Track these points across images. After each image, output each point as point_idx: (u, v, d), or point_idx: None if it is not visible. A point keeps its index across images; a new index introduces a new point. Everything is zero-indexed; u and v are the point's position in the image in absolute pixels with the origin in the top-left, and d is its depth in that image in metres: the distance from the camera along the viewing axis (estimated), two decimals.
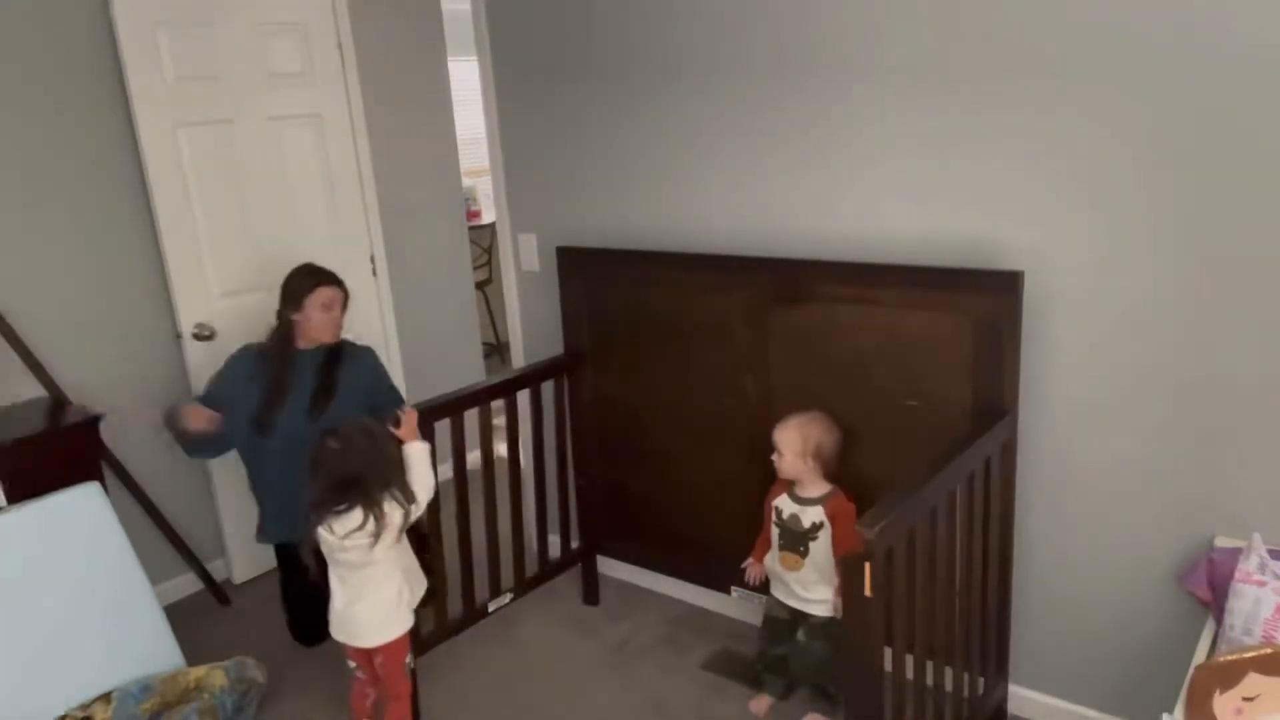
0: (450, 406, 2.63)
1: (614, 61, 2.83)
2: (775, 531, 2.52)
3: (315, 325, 2.88)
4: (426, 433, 2.48)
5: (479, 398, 2.73)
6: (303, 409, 2.82)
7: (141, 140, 3.09)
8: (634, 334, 2.85)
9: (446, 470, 3.06)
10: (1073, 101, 2.07)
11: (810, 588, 2.47)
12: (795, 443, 2.42)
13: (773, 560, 2.55)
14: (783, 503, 2.50)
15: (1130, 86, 2.00)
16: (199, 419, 2.73)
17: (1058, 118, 2.10)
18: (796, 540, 2.46)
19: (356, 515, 2.21)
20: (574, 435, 3.09)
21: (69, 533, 2.39)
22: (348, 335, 3.03)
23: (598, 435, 3.05)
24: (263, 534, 2.99)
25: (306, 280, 2.89)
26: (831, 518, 2.41)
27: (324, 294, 2.88)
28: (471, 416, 2.72)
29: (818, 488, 2.46)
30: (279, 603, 3.14)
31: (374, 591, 2.32)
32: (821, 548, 2.43)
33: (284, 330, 2.90)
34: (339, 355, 2.94)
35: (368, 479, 2.23)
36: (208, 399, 2.86)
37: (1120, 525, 2.24)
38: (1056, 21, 2.05)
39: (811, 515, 2.43)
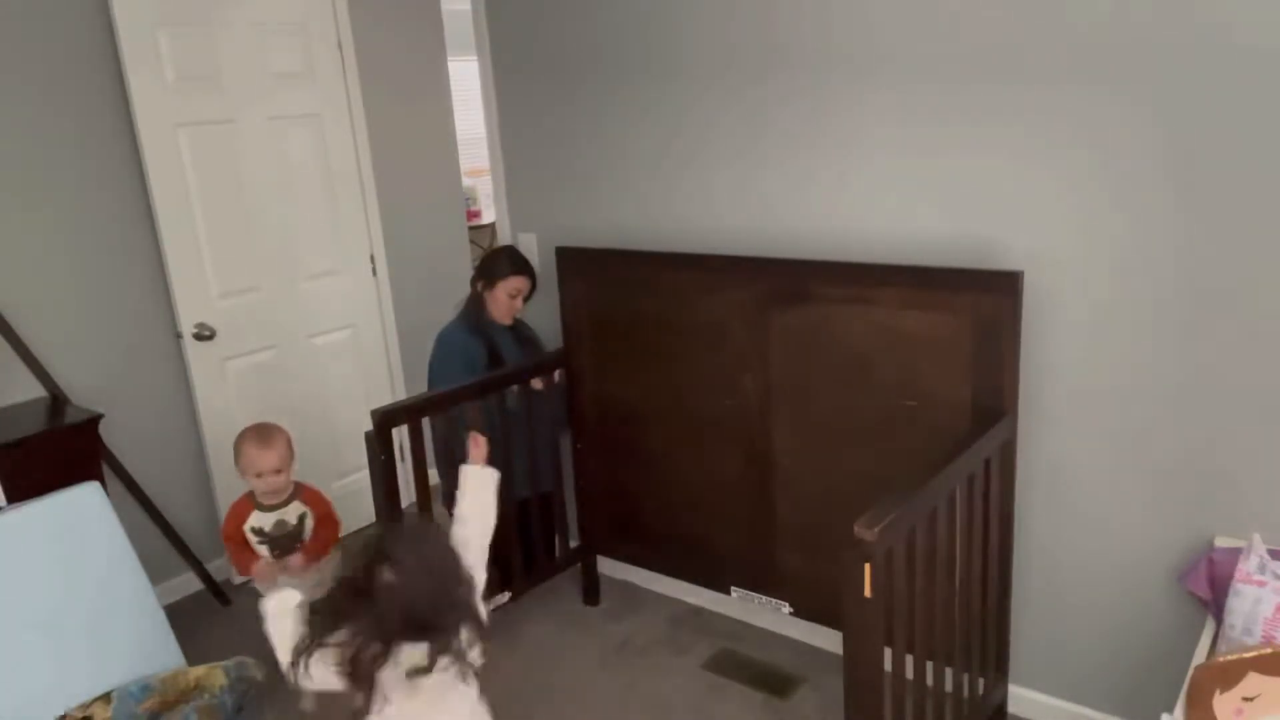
0: (446, 401, 2.63)
1: (614, 62, 2.84)
2: (265, 550, 2.59)
3: (498, 306, 2.98)
4: (417, 427, 2.55)
5: (477, 393, 2.74)
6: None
7: (141, 140, 3.09)
8: (634, 334, 2.85)
9: (434, 475, 3.07)
10: (1073, 103, 2.07)
11: (314, 574, 2.60)
12: (286, 448, 2.57)
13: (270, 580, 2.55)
14: (257, 519, 2.57)
15: (1129, 88, 2.00)
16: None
17: (1058, 119, 2.10)
18: (292, 541, 2.58)
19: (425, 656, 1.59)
20: (573, 435, 3.09)
21: (69, 533, 2.39)
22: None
23: (597, 435, 3.05)
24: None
25: (505, 264, 2.98)
26: (311, 503, 2.59)
27: (515, 282, 2.96)
28: None
29: (288, 487, 2.62)
30: None
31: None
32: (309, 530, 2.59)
33: (477, 304, 3.01)
34: (526, 333, 3.14)
35: (441, 622, 1.61)
36: (450, 383, 2.80)
37: (1120, 525, 2.24)
38: (1057, 23, 2.05)
39: (294, 511, 2.59)
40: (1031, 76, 2.11)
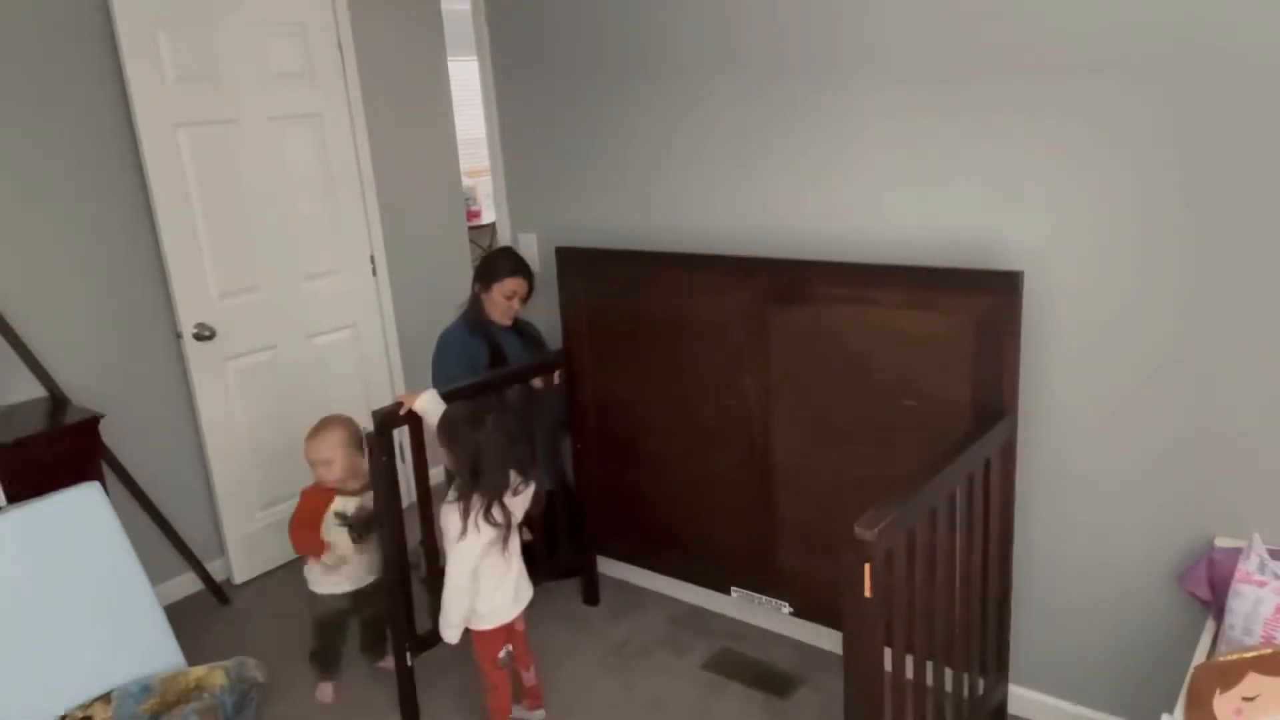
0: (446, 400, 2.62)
1: (614, 62, 2.84)
2: (344, 533, 2.67)
3: (495, 307, 3.01)
4: (418, 428, 2.54)
5: (475, 393, 2.73)
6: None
7: (141, 140, 3.09)
8: (634, 334, 2.85)
9: (438, 474, 3.07)
10: (1072, 102, 2.07)
11: (370, 560, 2.75)
12: (345, 443, 2.65)
13: (343, 557, 2.71)
14: (341, 504, 2.67)
15: (1129, 88, 2.00)
16: None
17: (1057, 118, 2.10)
18: (365, 527, 2.69)
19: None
20: (573, 435, 3.09)
21: (69, 533, 2.39)
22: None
23: (597, 435, 3.05)
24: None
25: (501, 266, 3.01)
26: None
27: (511, 284, 2.99)
28: None
29: (363, 474, 2.68)
30: (282, 601, 3.13)
31: (518, 550, 2.49)
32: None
33: (476, 305, 3.05)
34: (530, 331, 3.18)
35: (523, 446, 2.48)
36: (452, 381, 2.81)
37: (1120, 525, 2.24)
38: (1057, 23, 2.05)
39: (371, 498, 2.62)
40: (1034, 75, 2.11)
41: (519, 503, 2.40)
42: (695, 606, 3.16)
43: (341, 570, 2.73)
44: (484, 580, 2.38)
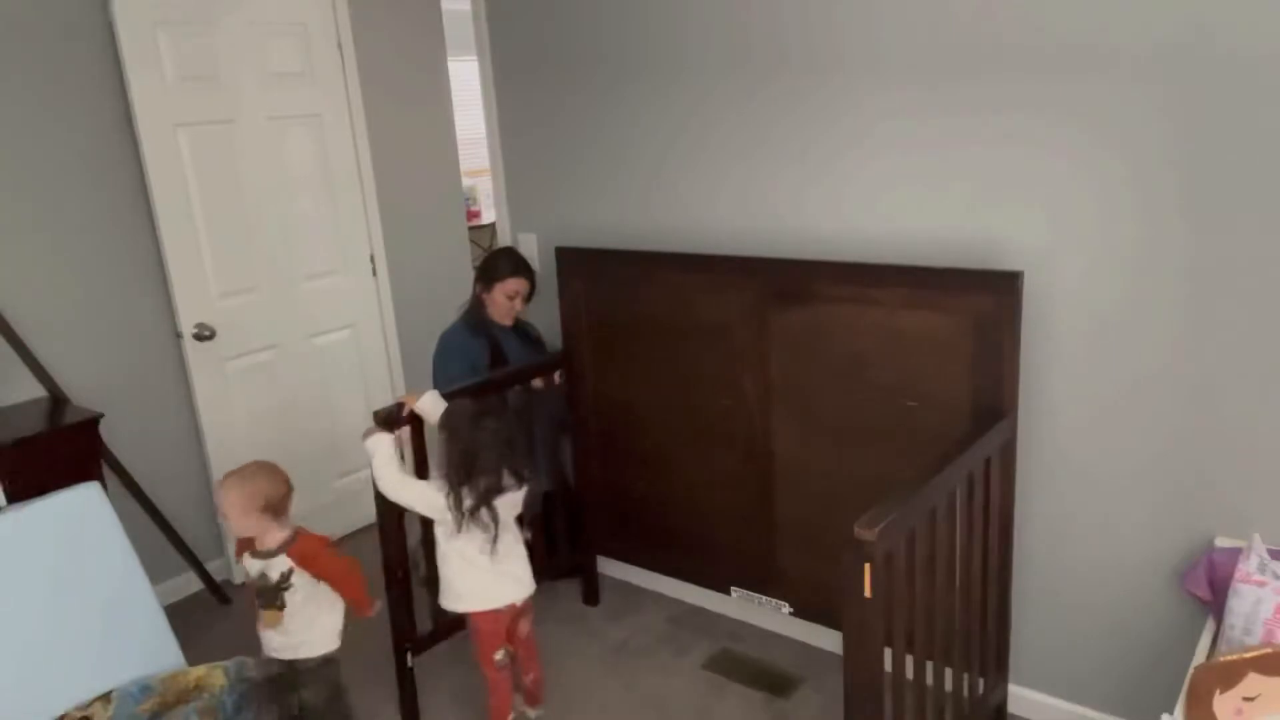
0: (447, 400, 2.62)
1: (615, 61, 2.84)
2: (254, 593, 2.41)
3: (497, 307, 3.02)
4: (418, 428, 2.53)
5: (476, 393, 2.73)
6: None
7: (141, 140, 3.09)
8: (634, 334, 2.85)
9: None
10: (1073, 102, 2.07)
11: (297, 634, 2.39)
12: (237, 503, 2.34)
13: (259, 621, 2.41)
14: (248, 563, 2.40)
15: (1130, 88, 2.00)
16: None
17: (1058, 118, 2.10)
18: (272, 596, 2.37)
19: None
20: (573, 435, 3.09)
21: (69, 533, 2.39)
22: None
23: (597, 435, 3.05)
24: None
25: (503, 266, 3.01)
26: (299, 561, 2.34)
27: (512, 284, 2.99)
28: None
29: (275, 538, 2.37)
30: None
31: (519, 545, 2.48)
32: (297, 594, 2.36)
33: (477, 305, 3.05)
34: (533, 333, 3.19)
35: (520, 447, 2.46)
36: (453, 381, 2.78)
37: (1120, 525, 2.24)
38: (1056, 24, 2.05)
39: (278, 566, 2.34)
40: (1034, 75, 2.11)
41: (506, 504, 2.39)
42: (695, 606, 3.16)
43: (265, 627, 2.42)
44: (464, 566, 2.38)
